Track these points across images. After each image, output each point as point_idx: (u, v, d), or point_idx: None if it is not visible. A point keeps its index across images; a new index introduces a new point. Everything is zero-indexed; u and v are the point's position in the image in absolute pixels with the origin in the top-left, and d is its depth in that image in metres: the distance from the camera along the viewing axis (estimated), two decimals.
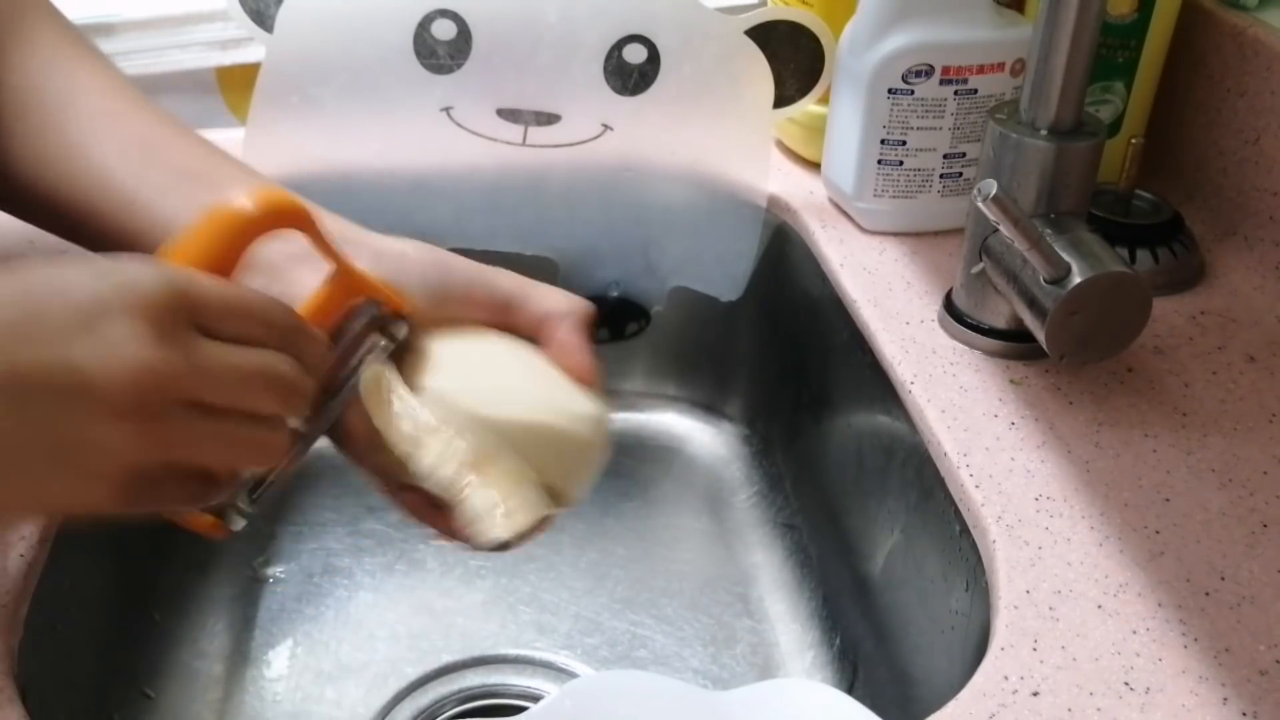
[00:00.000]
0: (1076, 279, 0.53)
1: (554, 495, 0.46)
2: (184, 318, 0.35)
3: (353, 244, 0.46)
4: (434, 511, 0.47)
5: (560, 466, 0.46)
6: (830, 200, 0.74)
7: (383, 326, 0.45)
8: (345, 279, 0.43)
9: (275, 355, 0.38)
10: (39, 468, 0.34)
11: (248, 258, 0.39)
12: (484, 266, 0.49)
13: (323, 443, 0.45)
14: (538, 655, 0.69)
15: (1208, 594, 0.47)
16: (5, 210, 0.52)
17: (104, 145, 0.49)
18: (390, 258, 0.47)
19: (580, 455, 0.47)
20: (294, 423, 0.42)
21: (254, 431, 0.38)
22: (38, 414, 0.33)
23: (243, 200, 0.39)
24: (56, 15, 0.54)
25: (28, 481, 0.34)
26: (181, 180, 0.48)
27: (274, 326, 0.39)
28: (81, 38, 0.54)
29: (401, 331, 0.45)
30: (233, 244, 0.39)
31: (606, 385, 0.49)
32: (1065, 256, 0.53)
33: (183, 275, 0.37)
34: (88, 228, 0.49)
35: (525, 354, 0.48)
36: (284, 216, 0.40)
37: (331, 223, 0.47)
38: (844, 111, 0.69)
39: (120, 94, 0.51)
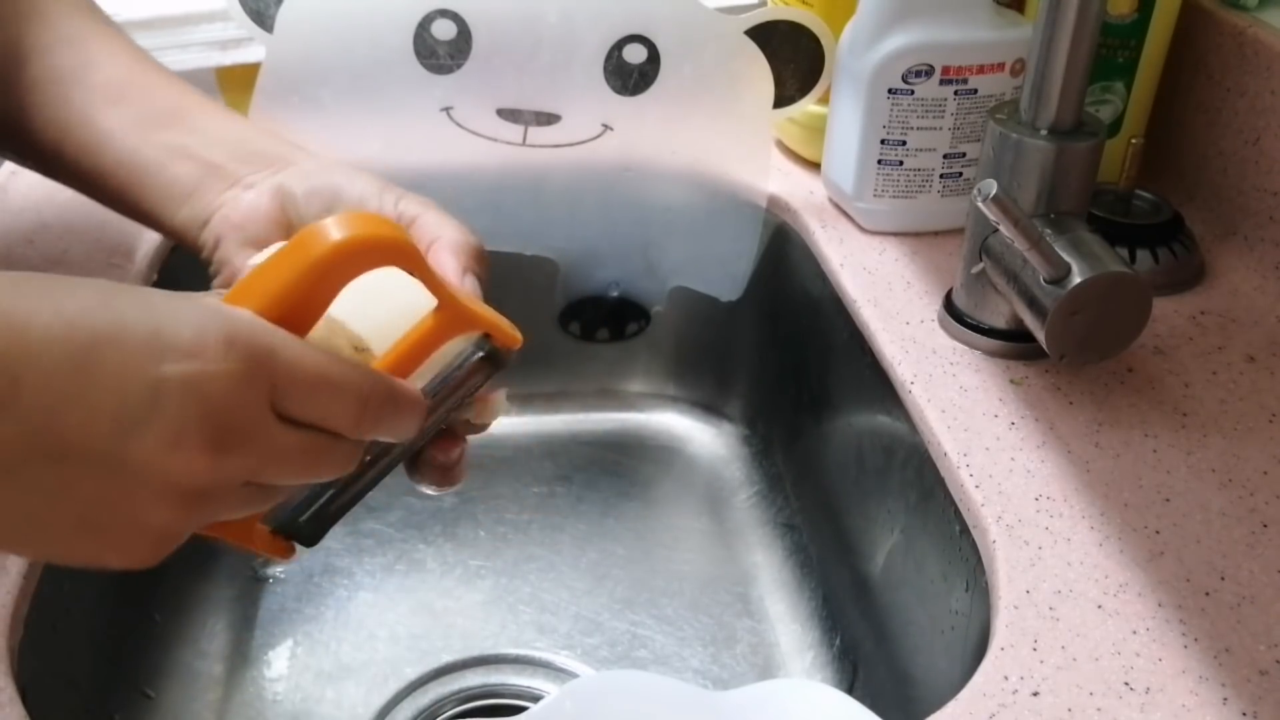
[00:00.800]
0: (1076, 279, 0.53)
1: None
2: (259, 398, 0.32)
3: (276, 159, 0.46)
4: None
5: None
6: (830, 200, 0.74)
7: (490, 360, 0.41)
8: (451, 312, 0.39)
9: (351, 442, 0.35)
10: (67, 532, 0.32)
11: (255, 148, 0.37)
12: (381, 189, 0.47)
13: None
14: (538, 655, 0.69)
15: (1208, 594, 0.47)
16: (35, 169, 0.53)
17: (71, 94, 0.50)
18: (307, 189, 0.46)
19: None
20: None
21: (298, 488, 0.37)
22: (76, 479, 0.31)
23: (336, 231, 0.33)
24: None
25: (55, 537, 0.33)
26: (146, 120, 0.49)
27: (365, 406, 0.35)
28: (94, 9, 0.54)
29: (504, 363, 0.41)
30: (322, 286, 0.33)
31: (606, 385, 0.49)
32: (1065, 256, 0.53)
33: (258, 351, 0.32)
34: (75, 176, 0.50)
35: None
36: (386, 254, 0.34)
37: (262, 137, 0.49)
38: (844, 111, 0.69)
39: (89, 39, 0.52)
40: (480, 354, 0.40)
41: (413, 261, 0.35)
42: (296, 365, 0.33)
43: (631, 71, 0.70)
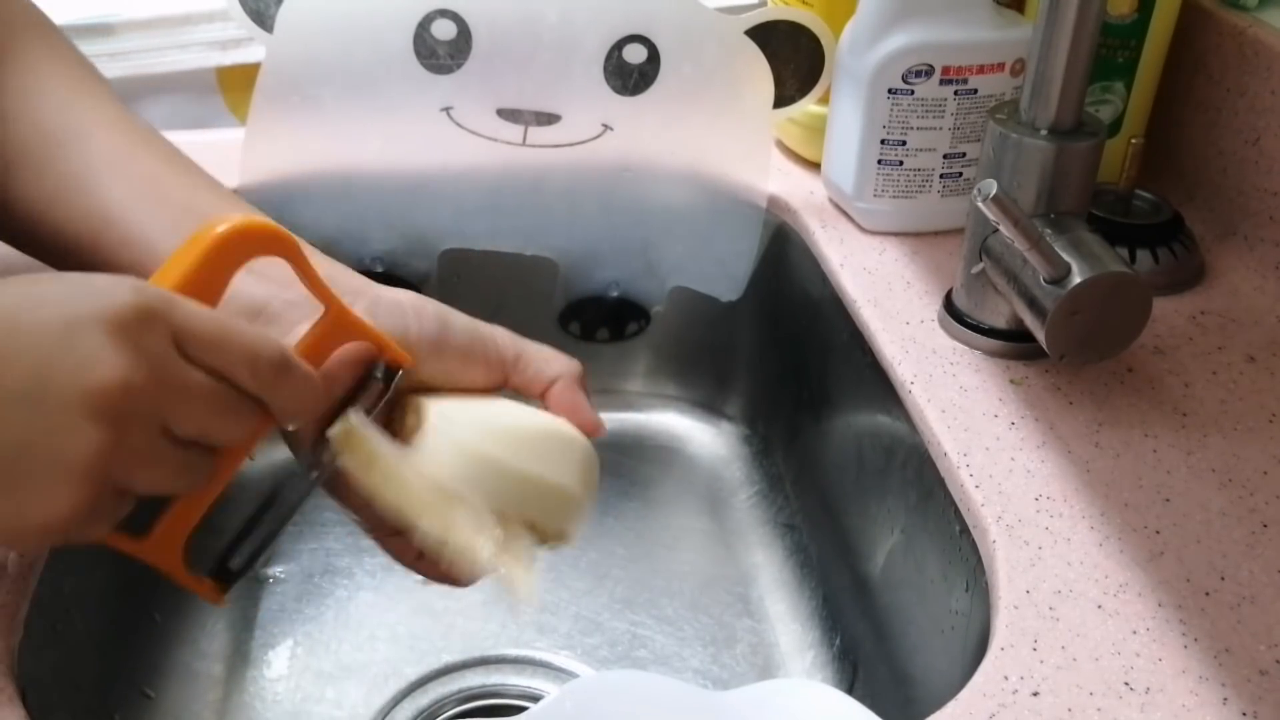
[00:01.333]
0: (1076, 279, 0.53)
1: (542, 536, 0.46)
2: (161, 334, 0.35)
3: (350, 292, 0.45)
4: (420, 558, 0.48)
5: (552, 517, 0.46)
6: (830, 200, 0.74)
7: (381, 375, 0.44)
8: (337, 321, 0.42)
9: (253, 401, 0.38)
10: (3, 475, 0.34)
11: (233, 291, 0.39)
12: (481, 324, 0.48)
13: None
14: (538, 655, 0.69)
15: (1208, 594, 0.47)
16: (8, 243, 0.51)
17: (112, 183, 0.48)
18: (387, 305, 0.46)
19: (571, 505, 0.46)
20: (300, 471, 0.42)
21: (211, 460, 0.38)
22: (7, 422, 0.33)
23: (224, 224, 0.38)
24: (51, 33, 0.53)
25: None
26: (189, 218, 0.47)
27: (259, 361, 0.38)
28: (78, 58, 0.53)
29: (395, 381, 0.44)
30: (215, 268, 0.38)
31: (606, 385, 0.49)
32: (1065, 256, 0.53)
33: (163, 294, 0.36)
34: (95, 265, 0.48)
35: (526, 410, 0.47)
36: (267, 242, 0.39)
37: (328, 267, 0.46)
38: (844, 111, 0.69)
39: (125, 129, 0.50)
40: (372, 360, 0.43)
41: (291, 253, 0.40)
42: (196, 314, 0.37)
43: (631, 71, 0.70)
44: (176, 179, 0.49)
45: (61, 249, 0.49)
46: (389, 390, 0.44)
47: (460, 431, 0.44)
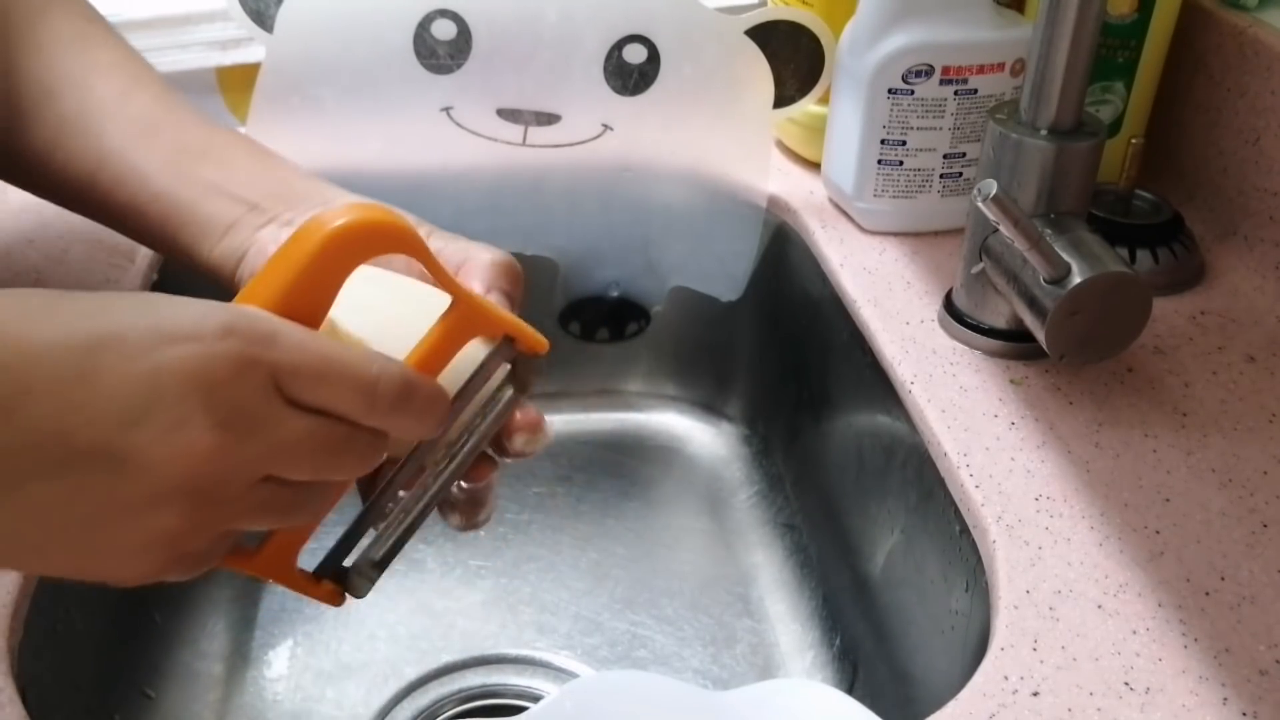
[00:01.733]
0: (1076, 279, 0.53)
1: None
2: (257, 383, 0.31)
3: (299, 197, 0.45)
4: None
5: None
6: (830, 200, 0.74)
7: (516, 366, 0.40)
8: (466, 311, 0.37)
9: (369, 432, 0.34)
10: (75, 544, 0.31)
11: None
12: (415, 224, 0.44)
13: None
14: (538, 655, 0.69)
15: (1208, 594, 0.47)
16: (31, 191, 0.52)
17: (106, 125, 0.49)
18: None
19: None
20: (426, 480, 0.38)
21: (320, 496, 0.36)
22: (81, 487, 0.30)
23: (336, 221, 0.33)
24: (74, 4, 0.54)
25: (63, 551, 0.32)
26: (182, 156, 0.48)
27: (375, 394, 0.33)
28: (98, 18, 0.54)
29: (532, 372, 0.40)
30: (323, 276, 0.33)
31: (606, 385, 0.48)
32: (1065, 256, 0.53)
33: (259, 331, 0.32)
34: (95, 203, 0.49)
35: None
36: (388, 239, 0.34)
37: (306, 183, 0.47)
38: (844, 111, 0.69)
39: (122, 73, 0.51)
40: (503, 358, 0.39)
41: (415, 248, 0.35)
42: (301, 347, 0.32)
43: (631, 71, 0.70)
44: (169, 116, 0.50)
45: (66, 191, 0.50)
46: (525, 377, 0.40)
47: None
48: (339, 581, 0.41)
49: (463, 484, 0.43)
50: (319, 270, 0.33)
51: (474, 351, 0.39)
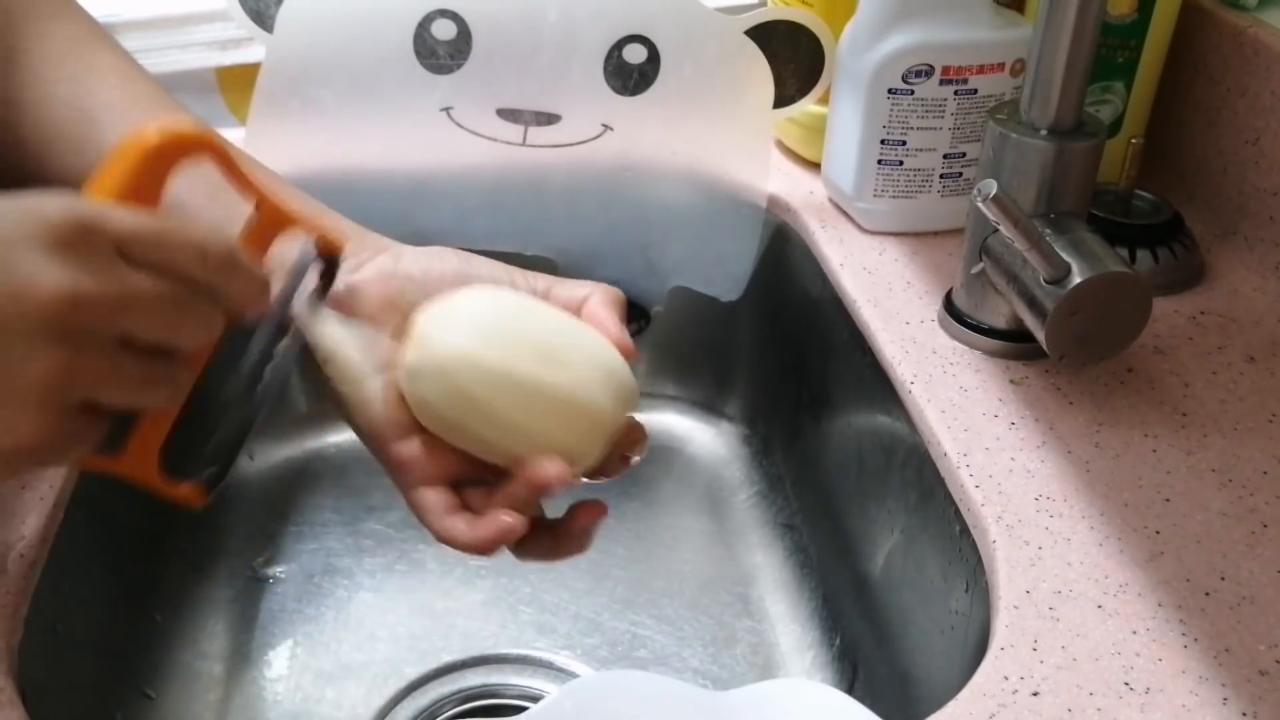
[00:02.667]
0: (1076, 279, 0.53)
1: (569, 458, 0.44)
2: (100, 243, 0.34)
3: (375, 248, 0.47)
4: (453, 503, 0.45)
5: (562, 429, 0.44)
6: (830, 200, 0.74)
7: (322, 264, 0.44)
8: (269, 214, 0.43)
9: (205, 297, 0.37)
10: None
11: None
12: (511, 269, 0.48)
13: (324, 442, 0.45)
14: (538, 655, 0.69)
15: (1208, 594, 0.47)
16: None
17: (101, 133, 0.50)
18: (413, 253, 0.47)
19: (583, 419, 0.44)
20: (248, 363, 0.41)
21: (177, 366, 0.38)
22: None
23: (151, 131, 0.38)
24: (73, 9, 0.54)
25: None
26: (225, 190, 0.48)
27: (205, 255, 0.37)
28: (98, 31, 0.54)
29: (335, 267, 0.45)
30: (145, 174, 0.38)
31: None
32: (1065, 256, 0.53)
33: (96, 204, 0.35)
34: None
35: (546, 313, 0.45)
36: (192, 144, 0.39)
37: (352, 229, 0.49)
38: (844, 111, 0.69)
39: (156, 104, 0.52)
40: (309, 250, 0.44)
41: (219, 156, 0.40)
42: (134, 218, 0.36)
43: (631, 71, 0.70)
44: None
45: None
46: (333, 276, 0.45)
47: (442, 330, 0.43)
48: (199, 482, 0.43)
49: (580, 522, 0.46)
50: (141, 173, 0.38)
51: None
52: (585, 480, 0.46)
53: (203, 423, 0.43)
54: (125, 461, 0.40)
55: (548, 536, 0.46)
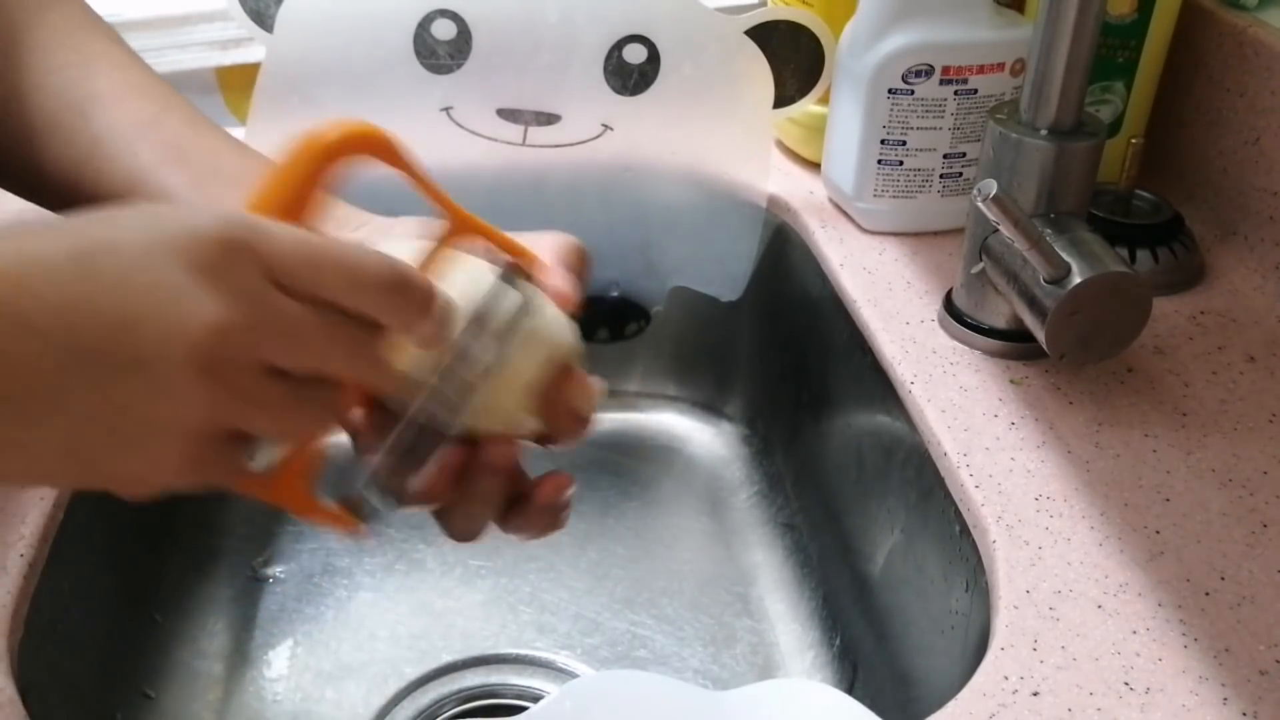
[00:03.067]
0: (1076, 279, 0.53)
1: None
2: (250, 268, 0.33)
3: (346, 221, 0.46)
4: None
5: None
6: (830, 200, 0.74)
7: (515, 281, 0.40)
8: (460, 228, 0.39)
9: (365, 324, 0.35)
10: (104, 439, 0.32)
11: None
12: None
13: (323, 442, 0.43)
14: (538, 655, 0.69)
15: (1208, 594, 0.47)
16: (46, 208, 0.52)
17: (138, 148, 0.49)
18: (379, 223, 0.46)
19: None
20: (431, 403, 0.38)
21: (328, 396, 0.36)
22: (100, 382, 0.31)
23: (313, 133, 0.36)
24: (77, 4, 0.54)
25: (93, 454, 0.32)
26: (213, 179, 0.48)
27: (363, 279, 0.34)
28: (97, 22, 0.54)
29: (530, 290, 0.41)
30: (305, 181, 0.36)
31: (607, 384, 0.47)
32: (1065, 256, 0.53)
33: (246, 222, 0.33)
34: None
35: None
36: (367, 143, 0.36)
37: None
38: (844, 111, 0.69)
39: (150, 94, 0.51)
40: (508, 282, 0.40)
41: (393, 157, 0.37)
42: (291, 236, 0.34)
43: (631, 71, 0.70)
44: (199, 141, 0.50)
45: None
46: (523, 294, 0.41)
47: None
48: (353, 506, 0.40)
49: (547, 495, 0.45)
50: (300, 178, 0.36)
51: (483, 275, 0.40)
52: (550, 448, 0.45)
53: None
54: (275, 488, 0.38)
55: (523, 511, 0.45)
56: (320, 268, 0.34)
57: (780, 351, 0.79)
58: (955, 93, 0.66)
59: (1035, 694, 0.43)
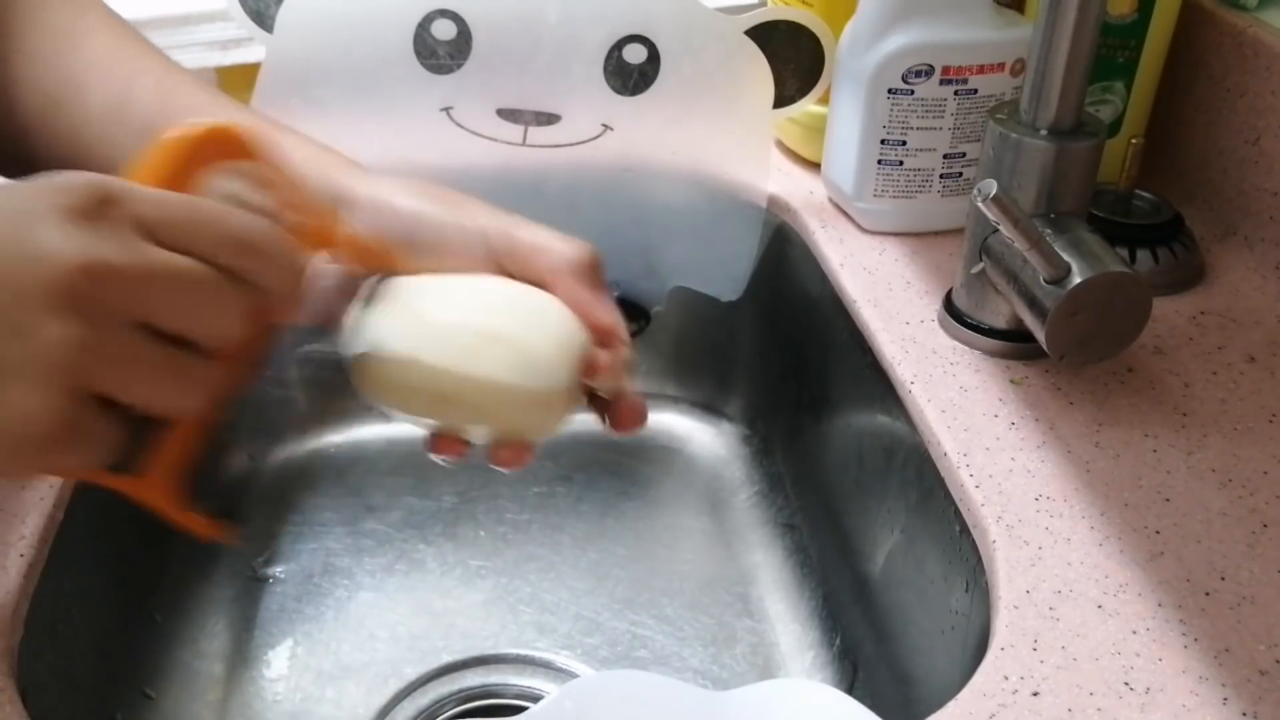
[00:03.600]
0: (1076, 279, 0.53)
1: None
2: (123, 218, 0.32)
3: (331, 193, 0.45)
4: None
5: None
6: (830, 200, 0.74)
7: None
8: (316, 231, 0.40)
9: (237, 283, 0.34)
10: None
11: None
12: (466, 218, 0.46)
13: (324, 442, 0.44)
14: (538, 655, 0.69)
15: (1208, 594, 0.47)
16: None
17: (114, 135, 0.49)
18: (404, 199, 0.45)
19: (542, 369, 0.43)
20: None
21: (202, 367, 0.35)
22: None
23: (190, 125, 0.36)
24: None
25: None
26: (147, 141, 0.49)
27: (247, 234, 0.34)
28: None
29: (370, 283, 0.42)
30: (178, 169, 0.36)
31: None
32: (1065, 256, 0.53)
33: (121, 183, 0.33)
34: None
35: (505, 284, 0.44)
36: (234, 145, 0.37)
37: (316, 154, 0.47)
38: (844, 111, 0.69)
39: (116, 74, 0.51)
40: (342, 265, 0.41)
41: (260, 159, 0.38)
42: (164, 195, 0.34)
43: (631, 71, 0.70)
44: (143, 97, 0.49)
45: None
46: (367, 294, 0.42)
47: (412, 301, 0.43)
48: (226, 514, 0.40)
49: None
50: (172, 168, 0.36)
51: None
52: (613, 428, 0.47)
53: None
54: (142, 483, 0.37)
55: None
56: (200, 221, 0.34)
57: (780, 351, 0.79)
58: (955, 93, 0.66)
59: (1035, 694, 0.43)
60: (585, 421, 0.85)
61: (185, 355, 0.34)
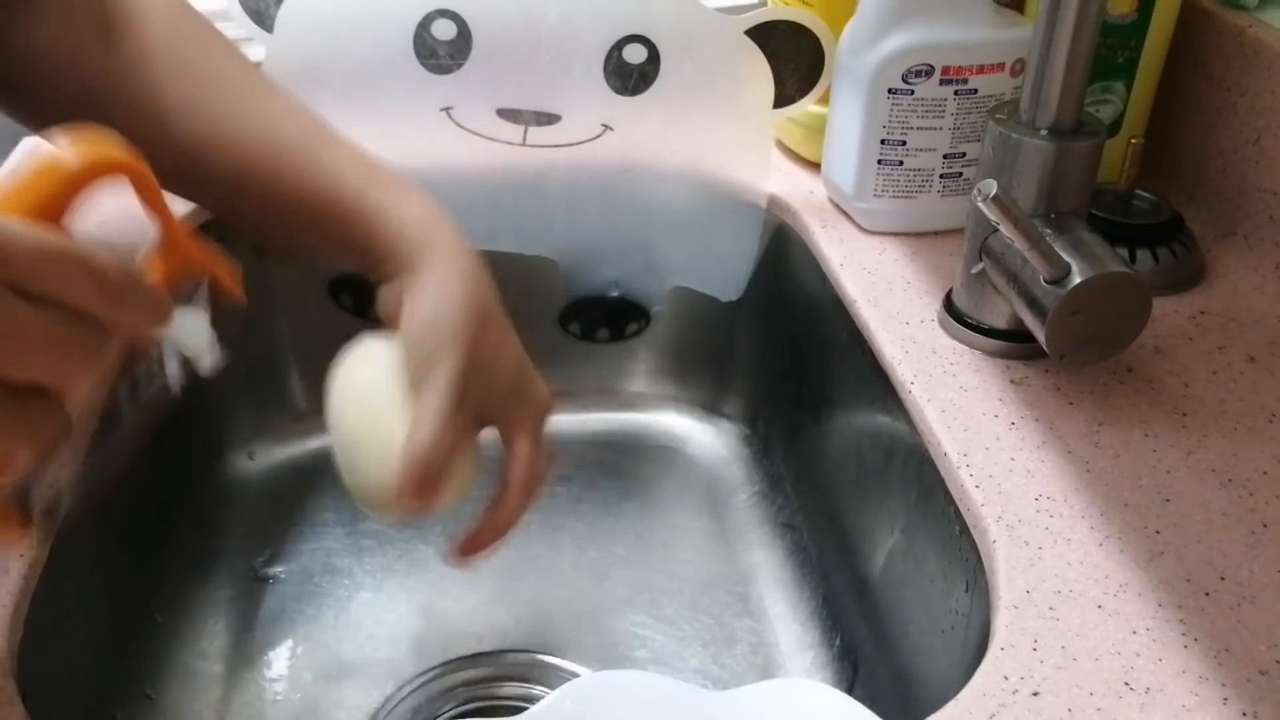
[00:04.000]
0: (1076, 279, 0.53)
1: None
2: None
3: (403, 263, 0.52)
4: None
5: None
6: (830, 200, 0.74)
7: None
8: (172, 246, 0.41)
9: (98, 328, 0.33)
10: None
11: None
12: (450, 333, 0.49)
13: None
14: (537, 655, 0.69)
15: (1208, 594, 0.47)
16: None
17: (288, 120, 0.54)
18: (422, 301, 0.51)
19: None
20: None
21: (51, 411, 0.33)
22: None
23: (65, 150, 0.35)
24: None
25: None
26: (359, 159, 0.56)
27: (104, 281, 0.33)
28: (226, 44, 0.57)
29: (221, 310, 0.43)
30: (55, 195, 0.35)
31: (606, 385, 0.49)
32: (1065, 256, 0.53)
33: None
34: (275, 199, 0.54)
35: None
36: (111, 167, 0.36)
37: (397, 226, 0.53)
38: (844, 111, 0.69)
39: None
40: (197, 291, 0.43)
41: (138, 180, 0.38)
42: (28, 233, 0.31)
43: (631, 71, 0.70)
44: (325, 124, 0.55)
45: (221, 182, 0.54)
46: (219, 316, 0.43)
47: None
48: (24, 515, 0.39)
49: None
50: (49, 193, 0.35)
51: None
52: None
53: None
54: None
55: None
56: (62, 261, 0.32)
57: (780, 351, 0.79)
58: (955, 93, 0.66)
59: (1035, 694, 0.43)
60: (585, 421, 0.85)
61: (36, 402, 0.33)
